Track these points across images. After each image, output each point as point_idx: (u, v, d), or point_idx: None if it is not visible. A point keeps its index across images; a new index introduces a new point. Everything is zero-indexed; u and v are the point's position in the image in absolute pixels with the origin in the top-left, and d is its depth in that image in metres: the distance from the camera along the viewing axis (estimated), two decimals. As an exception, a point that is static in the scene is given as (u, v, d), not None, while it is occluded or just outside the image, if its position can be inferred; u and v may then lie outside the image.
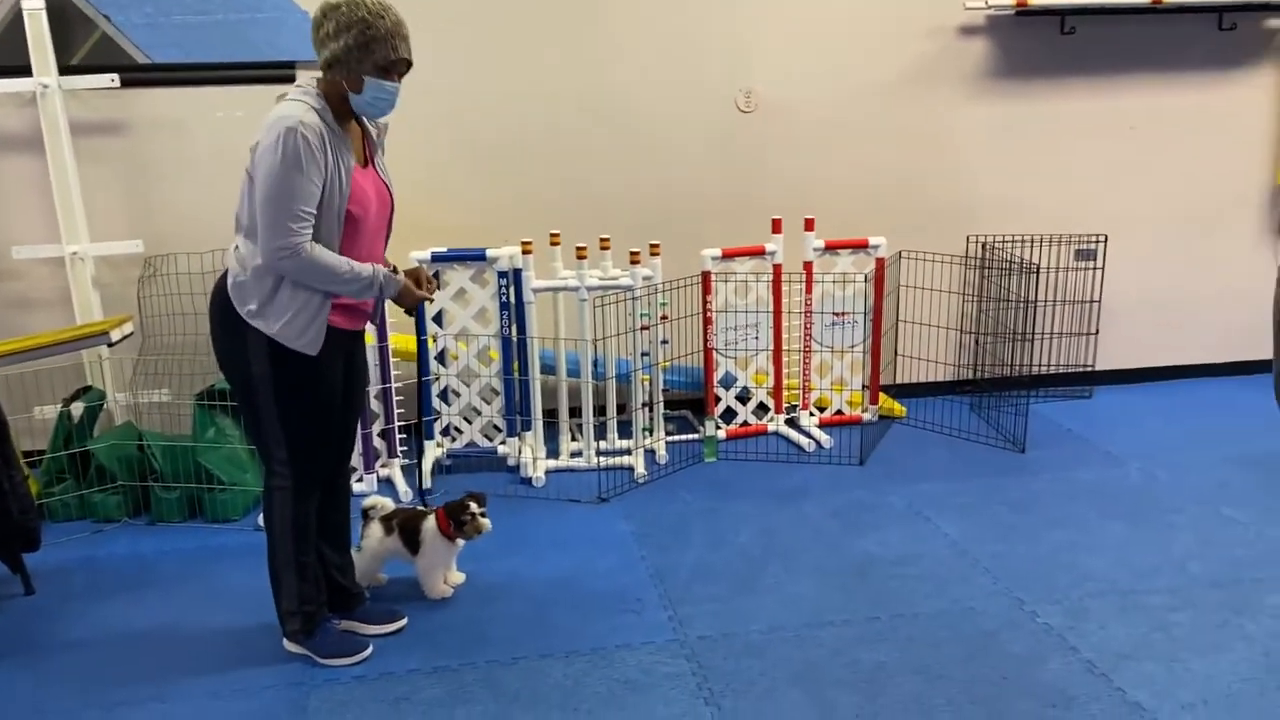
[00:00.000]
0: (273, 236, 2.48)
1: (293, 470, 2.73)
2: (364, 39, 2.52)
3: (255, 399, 2.67)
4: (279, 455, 2.72)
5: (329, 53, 2.55)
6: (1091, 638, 2.88)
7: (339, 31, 2.53)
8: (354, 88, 2.58)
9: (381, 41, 2.55)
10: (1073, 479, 4.04)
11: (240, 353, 2.63)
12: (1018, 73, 4.85)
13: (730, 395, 4.56)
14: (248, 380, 2.66)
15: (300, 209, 2.48)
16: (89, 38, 4.20)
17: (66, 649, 2.97)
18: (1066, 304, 5.07)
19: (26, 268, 4.30)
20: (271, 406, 2.67)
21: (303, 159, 2.46)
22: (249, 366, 2.64)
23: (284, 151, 2.45)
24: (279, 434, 2.69)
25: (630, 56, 4.59)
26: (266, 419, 2.68)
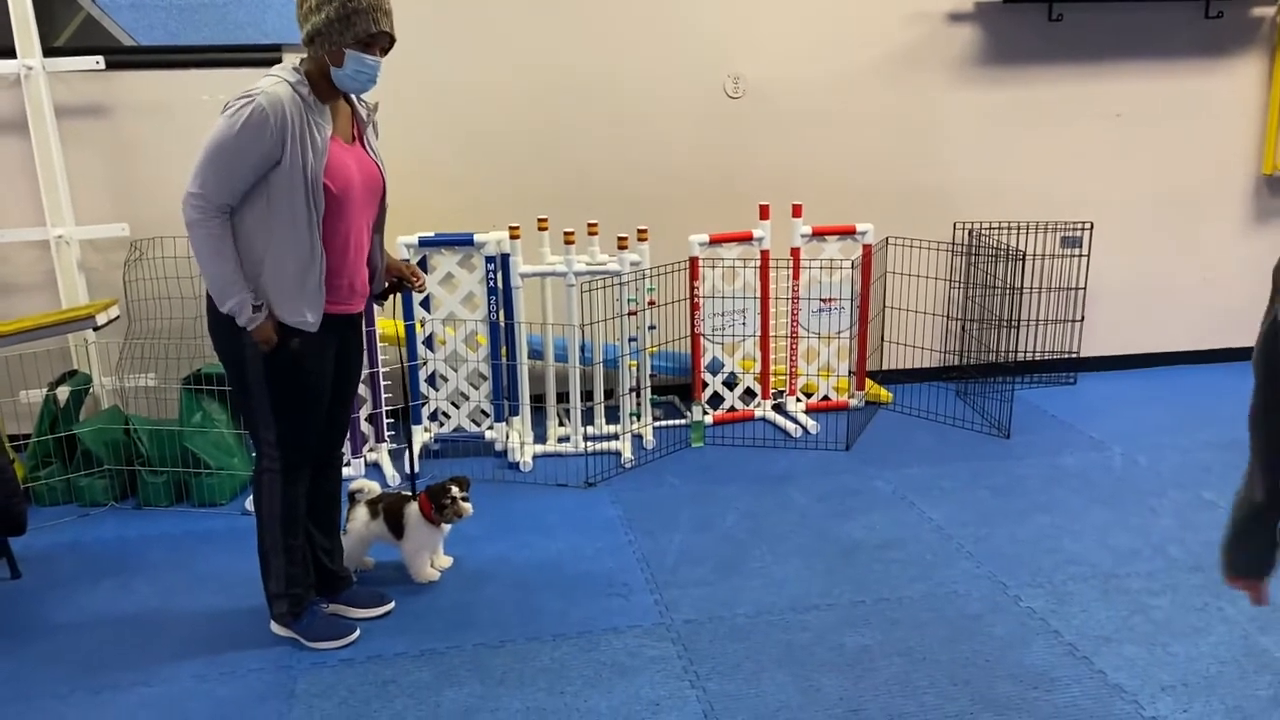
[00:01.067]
0: (194, 181, 2.51)
1: (281, 453, 2.73)
2: (345, 11, 2.53)
3: (247, 381, 2.68)
4: (268, 438, 2.73)
5: (311, 26, 2.55)
6: (1073, 621, 2.91)
7: (321, 4, 2.53)
8: (335, 61, 2.58)
9: (363, 14, 2.55)
10: (1056, 464, 4.07)
11: (233, 331, 2.63)
12: (1005, 59, 4.86)
13: (717, 381, 4.57)
14: (239, 358, 2.66)
15: (237, 170, 2.49)
16: (73, 19, 4.17)
17: (53, 633, 2.97)
18: (1052, 290, 5.09)
19: (11, 251, 4.28)
20: (263, 389, 2.67)
21: (259, 125, 2.47)
22: (241, 347, 2.64)
23: (238, 116, 2.48)
24: (269, 417, 2.70)
25: (619, 42, 4.58)
26: (258, 401, 2.69)
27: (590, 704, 2.57)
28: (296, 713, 2.56)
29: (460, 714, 2.54)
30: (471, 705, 2.58)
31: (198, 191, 2.51)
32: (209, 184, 2.50)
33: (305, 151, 2.53)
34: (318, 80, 2.60)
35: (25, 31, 4.01)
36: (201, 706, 2.60)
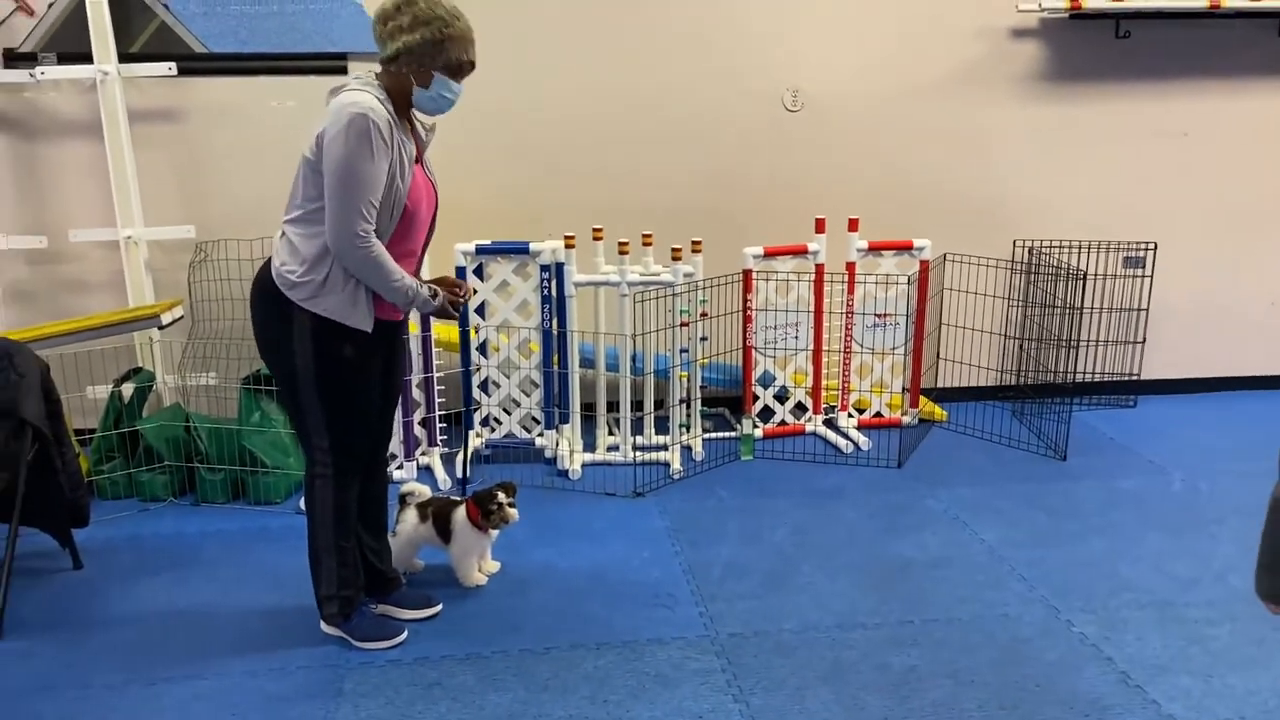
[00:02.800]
0: (346, 221, 2.50)
1: (334, 458, 2.77)
2: (440, 36, 2.58)
3: (298, 387, 2.71)
4: (320, 444, 2.76)
5: (400, 44, 2.57)
6: (1127, 648, 2.85)
7: (415, 25, 2.56)
8: (421, 82, 2.61)
9: (457, 42, 2.61)
10: (1113, 487, 3.99)
11: (285, 341, 2.67)
12: (1070, 76, 4.79)
13: (768, 394, 4.55)
14: (291, 369, 2.69)
15: (370, 197, 2.51)
16: (147, 26, 4.29)
17: (111, 624, 3.04)
18: (1113, 311, 5.00)
19: (83, 250, 4.40)
20: (314, 394, 2.70)
21: (372, 145, 2.48)
22: (293, 356, 2.67)
23: (354, 137, 2.47)
24: (321, 422, 2.73)
25: (678, 53, 4.59)
26: (309, 407, 2.72)
27: (633, 714, 2.57)
28: (343, 711, 2.59)
29: (503, 718, 2.56)
30: (515, 710, 2.59)
31: (351, 229, 2.51)
32: (352, 212, 2.49)
33: (396, 167, 2.57)
34: (396, 97, 2.63)
35: (103, 39, 4.13)
36: (251, 701, 2.64)
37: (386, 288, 2.61)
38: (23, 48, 4.22)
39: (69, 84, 4.24)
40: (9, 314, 4.31)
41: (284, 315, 2.65)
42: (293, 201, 2.65)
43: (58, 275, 4.44)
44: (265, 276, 2.69)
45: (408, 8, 2.57)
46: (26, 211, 4.35)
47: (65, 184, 4.36)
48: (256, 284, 2.73)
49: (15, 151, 4.31)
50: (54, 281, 4.44)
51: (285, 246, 2.66)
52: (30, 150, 4.32)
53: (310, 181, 2.58)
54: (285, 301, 2.63)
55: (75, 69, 4.14)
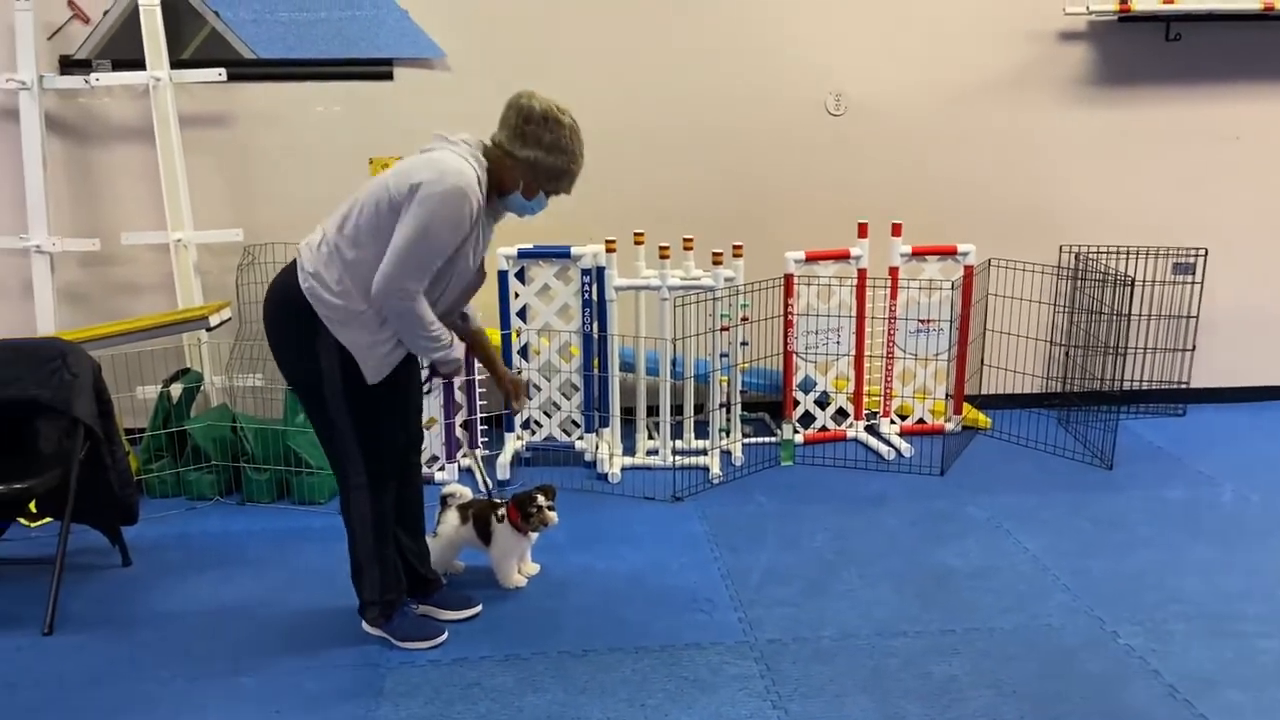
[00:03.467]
0: (400, 276, 2.53)
1: (367, 467, 2.77)
2: (565, 169, 2.67)
3: (325, 403, 2.70)
4: (352, 455, 2.76)
5: (530, 155, 2.62)
6: (1175, 661, 2.80)
7: (553, 148, 2.63)
8: (527, 194, 2.69)
9: (572, 178, 2.72)
10: (1162, 498, 3.92)
11: (310, 355, 2.66)
12: (1118, 79, 4.72)
13: (809, 399, 4.53)
14: (317, 383, 2.69)
15: (435, 264, 2.56)
16: (198, 33, 4.37)
17: (158, 620, 3.10)
18: (1162, 318, 4.92)
19: (134, 253, 4.49)
20: (342, 408, 2.70)
21: (463, 224, 2.54)
22: (319, 371, 2.67)
23: (449, 210, 2.51)
24: (351, 435, 2.73)
25: (720, 57, 4.59)
26: (339, 421, 2.72)
27: (671, 718, 2.57)
28: (383, 710, 2.62)
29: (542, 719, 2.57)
30: (553, 712, 2.60)
31: (401, 285, 2.53)
32: (411, 271, 2.53)
33: (469, 245, 2.61)
34: (494, 179, 2.66)
35: (155, 46, 4.21)
36: (293, 699, 2.67)
37: (415, 339, 2.64)
38: (78, 55, 4.31)
39: (122, 90, 4.33)
40: (63, 315, 4.40)
41: (311, 329, 2.64)
42: (352, 223, 2.61)
43: (110, 277, 4.53)
44: (290, 285, 2.66)
45: (555, 127, 2.63)
46: (80, 214, 4.45)
47: (118, 188, 4.45)
48: (278, 294, 2.70)
49: (70, 156, 4.40)
50: (106, 283, 4.53)
51: (330, 261, 2.62)
52: (84, 155, 4.42)
53: (382, 218, 2.56)
54: (313, 314, 2.63)
55: (128, 75, 4.22)
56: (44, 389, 3.19)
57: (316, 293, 2.62)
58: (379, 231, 2.56)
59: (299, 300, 2.64)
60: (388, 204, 2.55)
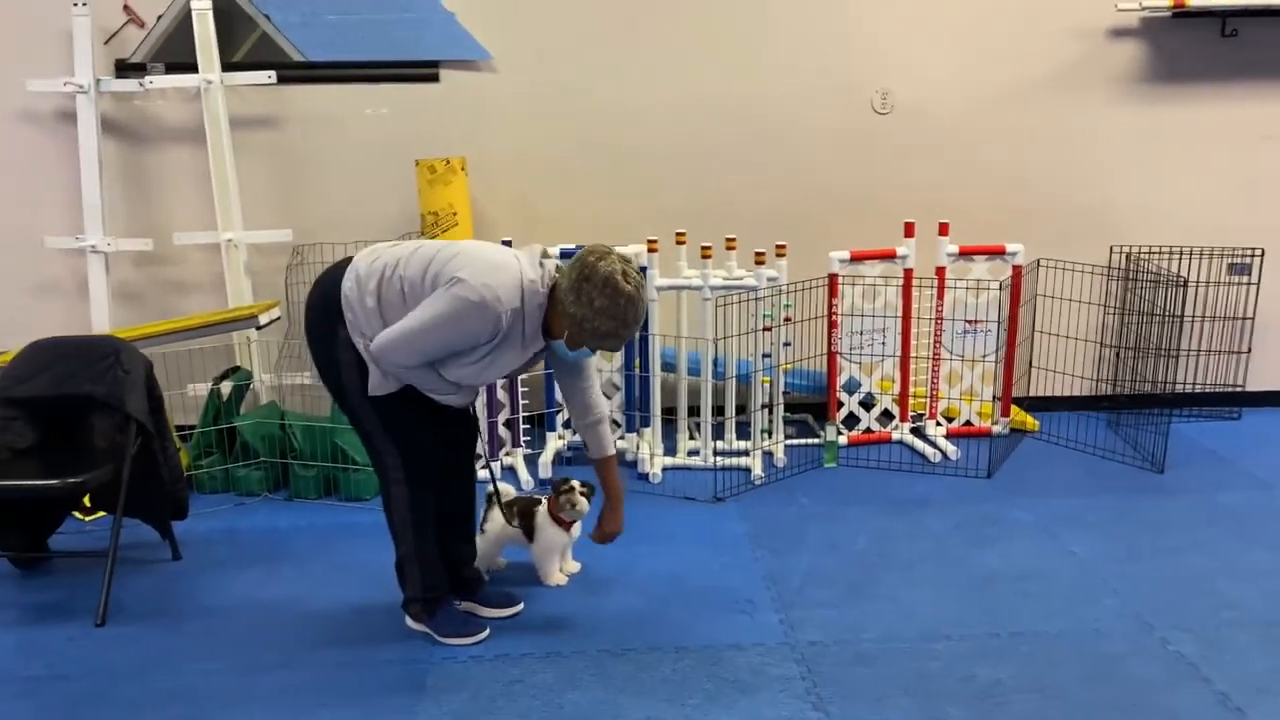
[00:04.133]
0: (396, 350, 2.60)
1: (403, 463, 2.80)
2: (612, 333, 2.60)
3: (351, 403, 2.75)
4: (388, 449, 2.79)
5: (578, 312, 2.56)
6: (1227, 669, 2.74)
7: (601, 313, 2.55)
8: (571, 344, 2.69)
9: (621, 341, 2.66)
10: (1214, 502, 3.84)
11: (333, 351, 2.72)
12: (1172, 76, 4.63)
13: (853, 401, 4.50)
14: (340, 388, 2.74)
15: (434, 355, 2.62)
16: (249, 36, 4.44)
17: (207, 613, 3.15)
18: (1216, 320, 4.82)
19: (186, 253, 4.57)
20: (367, 408, 2.74)
21: (477, 336, 2.58)
22: (339, 375, 2.72)
23: (466, 318, 2.55)
24: (382, 433, 2.76)
25: (764, 56, 4.58)
26: (367, 420, 2.76)
27: (710, 718, 2.56)
28: (425, 704, 2.64)
29: (582, 717, 2.58)
30: (593, 710, 2.60)
31: (397, 360, 2.62)
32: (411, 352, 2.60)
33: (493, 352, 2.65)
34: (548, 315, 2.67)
35: (207, 49, 4.29)
36: (338, 693, 2.71)
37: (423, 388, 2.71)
38: (133, 58, 4.40)
39: (175, 92, 4.41)
40: (117, 313, 4.49)
41: (334, 326, 2.70)
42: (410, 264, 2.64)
43: (162, 276, 4.62)
44: (332, 281, 2.72)
45: (611, 294, 2.54)
46: (134, 215, 4.54)
47: (170, 189, 4.54)
48: (319, 286, 2.76)
49: (124, 158, 4.50)
50: (158, 282, 4.62)
51: (375, 280, 2.66)
52: (138, 156, 4.51)
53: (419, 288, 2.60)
54: (338, 313, 2.68)
55: (181, 78, 4.30)
56: (98, 385, 3.26)
57: (351, 298, 2.67)
58: (411, 291, 2.62)
59: (334, 296, 2.69)
60: (431, 278, 2.60)
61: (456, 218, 4.30)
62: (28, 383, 3.29)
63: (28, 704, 2.68)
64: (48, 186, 4.48)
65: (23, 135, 4.44)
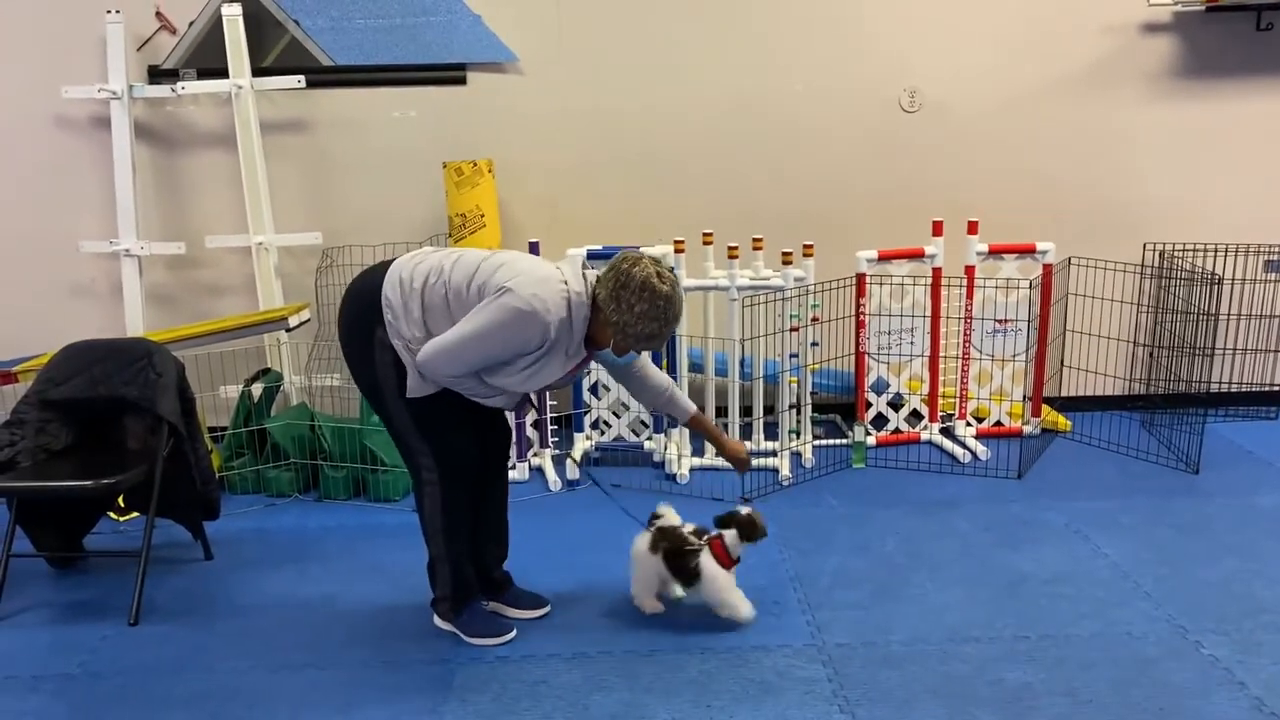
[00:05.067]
0: (444, 360, 2.62)
1: (438, 464, 2.81)
2: (655, 334, 2.64)
3: (386, 405, 2.77)
4: (422, 450, 2.80)
5: (620, 319, 2.61)
6: (1262, 673, 2.69)
7: (642, 317, 2.60)
8: (618, 351, 2.74)
9: (664, 339, 2.70)
10: (1250, 504, 3.78)
11: (367, 351, 2.73)
12: (1205, 72, 4.57)
13: (882, 401, 4.47)
14: (376, 388, 2.76)
15: (480, 365, 2.64)
16: (279, 41, 4.48)
17: (238, 612, 3.18)
18: (1252, 318, 4.74)
19: (217, 256, 4.62)
20: (402, 410, 2.76)
21: (525, 344, 2.61)
22: (375, 375, 2.74)
23: (514, 327, 2.57)
24: (416, 434, 2.78)
25: (790, 55, 4.56)
26: (400, 422, 2.78)
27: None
28: (452, 704, 2.65)
29: (608, 718, 2.58)
30: (619, 711, 2.60)
31: (445, 370, 2.63)
32: (460, 362, 2.62)
33: (543, 356, 2.66)
34: (590, 327, 2.70)
35: (238, 54, 4.34)
36: (366, 692, 2.73)
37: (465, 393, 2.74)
38: (165, 65, 4.46)
39: (206, 97, 4.46)
40: (150, 316, 4.55)
41: (371, 327, 2.71)
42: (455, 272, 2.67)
43: (194, 279, 4.67)
44: (372, 280, 2.74)
45: (650, 297, 2.59)
46: (167, 219, 4.60)
47: (202, 193, 4.59)
48: (356, 286, 2.79)
49: (156, 162, 4.56)
50: (190, 285, 4.68)
51: (420, 284, 2.68)
52: (170, 161, 4.57)
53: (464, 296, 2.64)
54: (377, 314, 2.70)
55: (212, 83, 4.35)
56: (131, 387, 3.31)
57: (392, 301, 2.69)
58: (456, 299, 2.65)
59: (373, 298, 2.71)
60: (477, 288, 2.63)
61: (484, 220, 4.31)
62: (63, 385, 3.34)
63: (62, 701, 2.72)
64: (82, 191, 4.55)
65: (58, 141, 4.51)
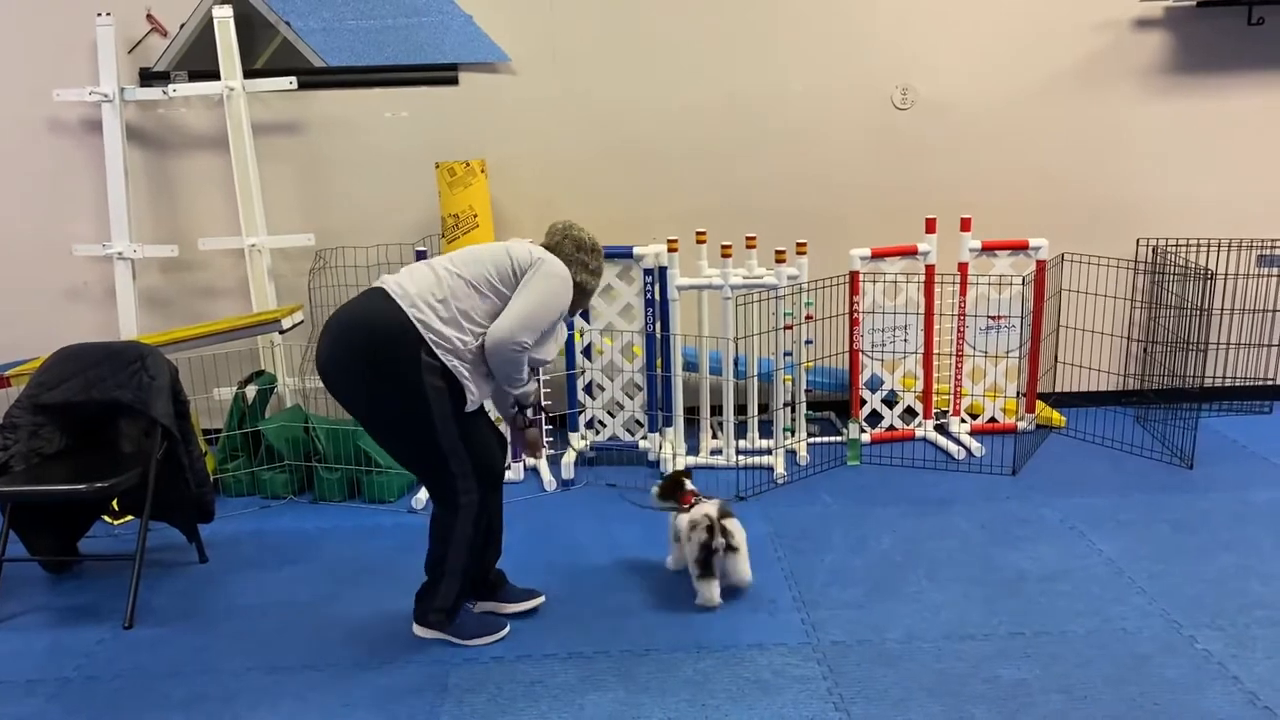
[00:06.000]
0: (520, 331, 2.76)
1: (478, 480, 2.83)
2: (592, 291, 3.05)
3: (433, 424, 2.74)
4: (463, 471, 2.80)
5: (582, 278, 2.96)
6: (1256, 668, 2.70)
7: (594, 273, 3.01)
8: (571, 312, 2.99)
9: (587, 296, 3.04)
10: (1245, 499, 3.79)
11: (417, 382, 2.70)
12: (1197, 67, 4.57)
13: (876, 398, 4.48)
14: (425, 410, 2.72)
15: (544, 329, 2.83)
16: (270, 43, 4.47)
17: (234, 614, 3.18)
18: (1246, 313, 4.75)
19: (210, 258, 4.62)
20: (453, 430, 2.76)
21: (565, 307, 2.88)
22: (427, 400, 2.71)
23: (563, 290, 2.85)
24: (461, 451, 2.78)
25: (783, 53, 4.56)
26: (447, 440, 2.76)
27: (732, 719, 2.56)
28: (448, 705, 2.65)
29: (603, 718, 2.58)
30: (615, 711, 2.61)
31: (522, 339, 2.77)
32: (531, 331, 2.79)
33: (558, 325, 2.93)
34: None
35: (229, 56, 4.33)
36: (363, 693, 2.73)
37: (510, 383, 2.86)
38: (157, 67, 4.45)
39: (198, 100, 4.46)
40: (144, 318, 4.55)
41: (416, 356, 2.70)
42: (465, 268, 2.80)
43: (187, 282, 4.66)
44: (389, 314, 2.71)
45: (598, 256, 3.01)
46: (159, 222, 4.59)
47: (195, 195, 4.58)
48: (375, 323, 2.72)
49: (149, 165, 4.55)
50: (184, 288, 4.67)
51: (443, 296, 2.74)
52: (162, 164, 4.56)
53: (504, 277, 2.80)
54: (419, 341, 2.70)
55: (204, 85, 4.34)
56: (125, 390, 3.30)
57: (428, 321, 2.72)
58: (492, 287, 2.80)
59: (398, 325, 2.70)
60: (511, 268, 2.81)
61: (477, 220, 4.31)
62: (56, 389, 3.33)
63: (58, 705, 2.72)
64: (75, 194, 4.54)
65: (50, 144, 4.50)
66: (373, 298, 2.77)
